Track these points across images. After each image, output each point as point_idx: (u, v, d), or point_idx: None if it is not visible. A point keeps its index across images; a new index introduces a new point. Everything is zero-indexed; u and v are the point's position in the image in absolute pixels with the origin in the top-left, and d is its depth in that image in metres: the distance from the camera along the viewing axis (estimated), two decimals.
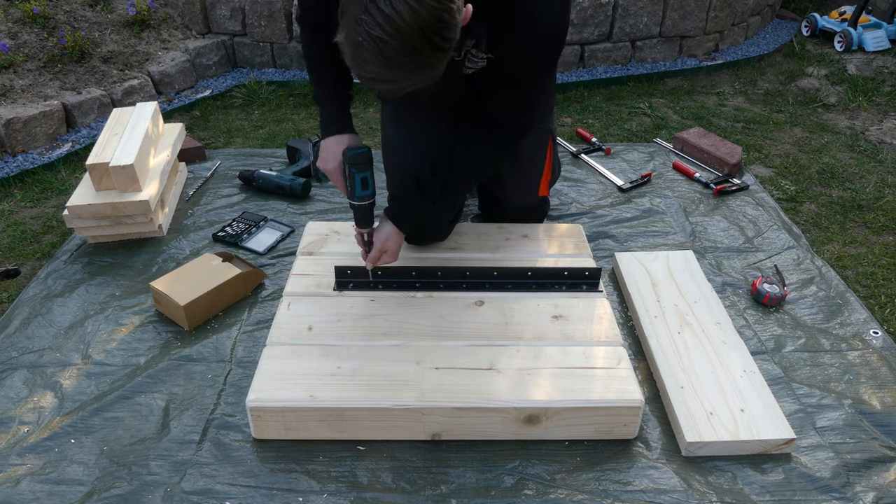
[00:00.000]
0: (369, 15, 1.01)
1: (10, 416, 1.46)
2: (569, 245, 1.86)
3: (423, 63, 1.07)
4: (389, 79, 1.09)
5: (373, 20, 1.01)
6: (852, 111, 3.09)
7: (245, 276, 1.77)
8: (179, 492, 1.29)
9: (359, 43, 1.04)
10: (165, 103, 3.06)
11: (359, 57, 1.06)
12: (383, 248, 1.58)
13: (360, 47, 1.05)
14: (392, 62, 1.05)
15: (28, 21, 3.01)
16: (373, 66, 1.07)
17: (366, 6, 1.02)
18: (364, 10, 1.02)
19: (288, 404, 1.35)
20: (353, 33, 1.04)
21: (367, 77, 1.10)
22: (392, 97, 1.14)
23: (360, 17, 1.02)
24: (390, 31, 1.02)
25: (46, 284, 1.86)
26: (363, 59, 1.06)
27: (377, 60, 1.05)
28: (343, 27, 1.06)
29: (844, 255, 2.05)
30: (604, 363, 1.45)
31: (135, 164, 1.94)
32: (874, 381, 1.55)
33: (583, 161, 2.51)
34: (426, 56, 1.06)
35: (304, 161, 2.36)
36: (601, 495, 1.29)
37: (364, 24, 1.02)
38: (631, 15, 3.36)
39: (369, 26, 1.02)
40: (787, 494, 1.30)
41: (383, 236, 1.58)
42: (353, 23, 1.03)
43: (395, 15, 1.01)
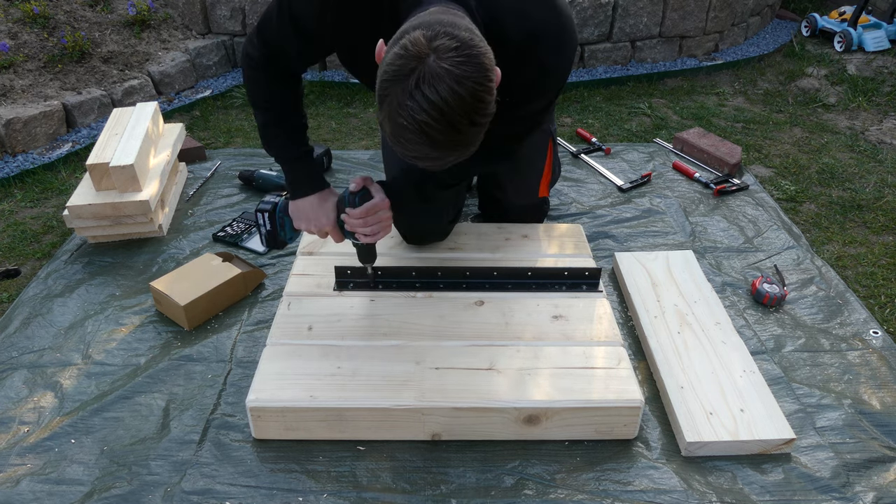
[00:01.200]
0: (414, 101, 1.03)
1: (10, 416, 1.46)
2: (569, 245, 1.86)
3: (464, 140, 1.10)
4: (432, 157, 1.11)
5: (417, 105, 1.03)
6: (852, 111, 3.09)
7: (245, 276, 1.77)
8: (179, 492, 1.29)
9: (402, 126, 1.06)
10: (165, 103, 3.06)
11: (402, 138, 1.09)
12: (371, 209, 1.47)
13: (404, 129, 1.07)
14: (436, 143, 1.07)
15: (28, 21, 3.01)
16: (416, 147, 1.09)
17: (410, 92, 1.03)
18: (409, 95, 1.03)
19: (288, 404, 1.35)
20: (396, 116, 1.06)
21: (411, 156, 1.12)
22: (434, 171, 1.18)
23: (405, 102, 1.04)
24: (435, 115, 1.03)
25: (46, 284, 1.86)
26: (406, 140, 1.08)
27: (420, 141, 1.07)
28: (384, 108, 1.08)
29: (844, 255, 2.05)
30: (604, 363, 1.45)
31: (135, 164, 1.94)
32: (874, 381, 1.55)
33: (583, 161, 2.52)
34: (467, 134, 1.08)
35: None
36: (601, 495, 1.29)
37: (409, 109, 1.04)
38: (631, 15, 3.36)
39: (414, 111, 1.04)
40: (786, 494, 1.30)
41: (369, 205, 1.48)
42: (398, 107, 1.05)
43: (439, 101, 1.02)
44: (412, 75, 1.03)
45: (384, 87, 1.07)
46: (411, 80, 1.03)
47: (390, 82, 1.05)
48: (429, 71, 1.02)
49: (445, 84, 1.02)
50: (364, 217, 1.47)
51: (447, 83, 1.02)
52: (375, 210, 1.47)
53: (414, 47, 1.03)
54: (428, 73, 1.02)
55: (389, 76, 1.05)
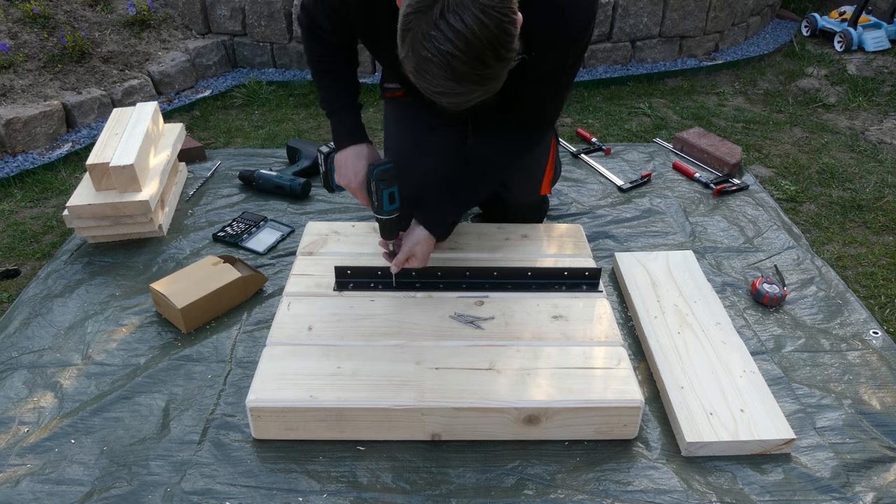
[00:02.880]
0: (438, 31, 1.02)
1: (10, 416, 1.46)
2: (568, 245, 1.86)
3: (490, 75, 1.08)
4: (457, 92, 1.10)
5: (442, 35, 1.02)
6: (852, 111, 3.09)
7: (245, 280, 1.76)
8: (179, 492, 1.29)
9: (426, 58, 1.05)
10: (165, 103, 3.06)
11: (426, 72, 1.07)
12: (411, 252, 1.57)
13: (427, 62, 1.05)
14: (460, 76, 1.06)
15: (28, 21, 3.01)
16: (440, 81, 1.08)
17: (435, 22, 1.02)
18: (433, 26, 1.02)
19: (288, 404, 1.35)
20: (419, 48, 1.05)
21: (434, 91, 1.11)
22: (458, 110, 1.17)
23: (429, 32, 1.03)
24: (460, 45, 1.02)
25: (46, 284, 1.86)
26: (431, 74, 1.07)
27: (445, 75, 1.06)
28: (407, 43, 1.07)
29: (844, 255, 2.05)
30: (604, 363, 1.45)
31: (135, 164, 1.94)
32: (874, 381, 1.55)
33: (583, 161, 2.51)
34: (492, 68, 1.07)
35: (305, 161, 2.36)
36: (601, 495, 1.29)
37: (433, 39, 1.03)
38: (631, 15, 3.36)
39: (438, 41, 1.03)
40: (786, 494, 1.30)
41: (412, 241, 1.57)
42: (421, 38, 1.04)
43: (465, 29, 1.01)
44: (436, 5, 1.02)
45: (407, 20, 1.05)
46: (435, 9, 1.02)
47: (414, 14, 1.04)
48: (453, 1, 1.01)
49: (470, 12, 1.01)
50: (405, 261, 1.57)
51: (472, 11, 1.01)
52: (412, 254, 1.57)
53: None
54: (452, 3, 1.01)
55: (413, 8, 1.04)
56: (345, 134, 1.59)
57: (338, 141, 1.60)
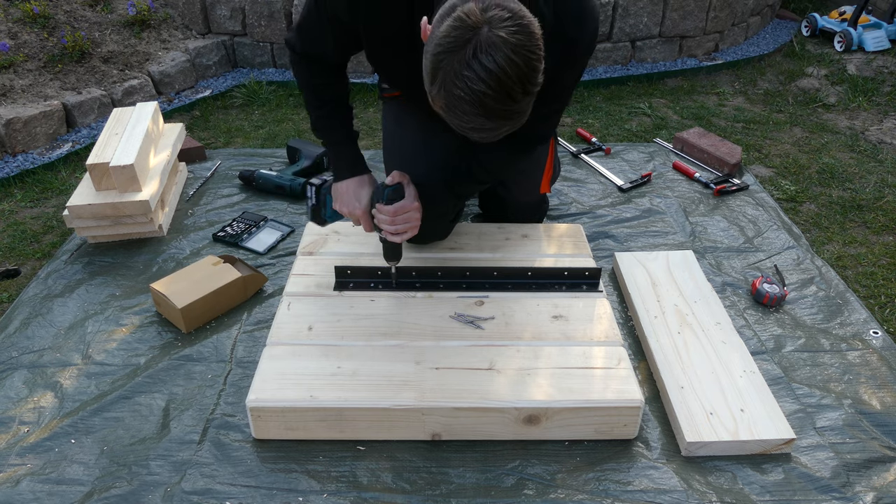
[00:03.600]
0: (472, 70, 1.04)
1: (10, 416, 1.46)
2: (568, 245, 1.86)
3: (518, 109, 1.10)
4: (488, 127, 1.12)
5: (475, 75, 1.04)
6: (852, 111, 3.09)
7: (245, 280, 1.76)
8: (179, 492, 1.29)
9: (459, 97, 1.07)
10: (165, 103, 3.06)
11: (458, 109, 1.09)
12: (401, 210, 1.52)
13: (460, 101, 1.07)
14: (491, 112, 1.08)
15: (28, 21, 3.01)
16: (472, 117, 1.09)
17: (467, 62, 1.04)
18: (466, 66, 1.04)
19: (288, 404, 1.35)
20: (452, 87, 1.06)
21: (466, 127, 1.13)
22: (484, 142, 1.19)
23: (461, 72, 1.04)
24: (493, 84, 1.04)
25: (46, 284, 1.86)
26: (462, 111, 1.09)
27: (476, 111, 1.08)
28: (438, 81, 1.08)
29: (844, 255, 2.05)
30: (604, 363, 1.45)
31: (135, 164, 1.94)
32: (874, 381, 1.55)
33: (583, 161, 2.51)
34: (520, 102, 1.09)
35: (305, 161, 2.36)
36: (601, 495, 1.29)
37: (466, 79, 1.04)
38: (631, 15, 3.36)
39: (471, 81, 1.04)
40: (786, 494, 1.30)
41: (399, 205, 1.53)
42: (454, 77, 1.05)
43: (497, 69, 1.03)
44: (468, 45, 1.03)
45: (438, 59, 1.07)
46: (468, 50, 1.03)
47: (446, 54, 1.05)
48: (485, 41, 1.02)
49: (502, 53, 1.02)
50: (393, 216, 1.51)
51: (504, 52, 1.02)
52: (405, 210, 1.52)
53: (469, 18, 1.03)
54: (484, 43, 1.02)
55: (444, 48, 1.05)
56: (345, 166, 1.61)
57: (338, 172, 1.61)
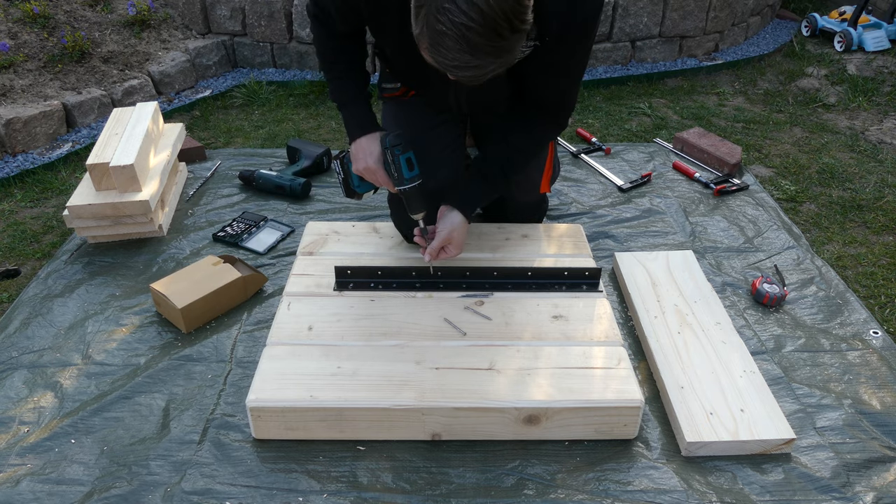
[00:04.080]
0: (453, 3, 1.02)
1: (10, 416, 1.46)
2: (568, 245, 1.86)
3: (505, 47, 1.08)
4: (473, 65, 1.10)
5: (457, 8, 1.02)
6: (852, 111, 3.09)
7: (245, 280, 1.76)
8: (179, 492, 1.29)
9: (441, 32, 1.05)
10: (165, 103, 3.06)
11: (441, 46, 1.07)
12: (448, 238, 1.56)
13: (442, 36, 1.05)
14: (476, 48, 1.06)
15: (28, 21, 3.01)
16: (456, 54, 1.08)
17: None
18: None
19: (288, 404, 1.35)
20: (434, 22, 1.05)
21: (450, 65, 1.11)
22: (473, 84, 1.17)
23: (443, 5, 1.03)
24: (475, 16, 1.02)
25: (46, 284, 1.86)
26: (446, 48, 1.07)
27: (460, 48, 1.06)
28: (421, 18, 1.07)
29: (844, 255, 2.05)
30: (604, 363, 1.45)
31: (135, 164, 1.94)
32: (874, 381, 1.55)
33: (583, 161, 2.51)
34: (507, 39, 1.07)
35: (305, 161, 2.36)
36: (601, 495, 1.29)
37: (448, 12, 1.03)
38: (631, 15, 3.36)
39: (453, 14, 1.03)
40: (786, 494, 1.30)
41: (448, 226, 1.55)
42: (436, 12, 1.04)
43: (479, 1, 1.01)
44: None
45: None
46: None
47: None
48: None
49: None
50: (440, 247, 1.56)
51: None
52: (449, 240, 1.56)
53: None
54: None
55: None
56: (356, 125, 1.60)
57: (350, 132, 1.61)
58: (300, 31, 3.32)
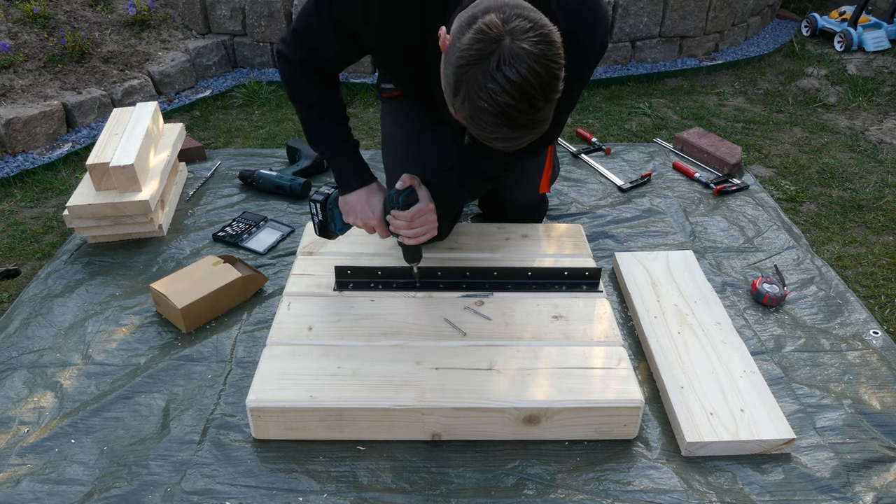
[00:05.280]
0: (495, 83, 1.04)
1: (10, 416, 1.46)
2: (568, 245, 1.86)
3: (540, 118, 1.11)
4: (511, 137, 1.12)
5: (499, 87, 1.04)
6: (852, 111, 3.09)
7: (246, 280, 1.76)
8: (179, 492, 1.29)
9: (483, 108, 1.07)
10: (165, 103, 3.06)
11: (482, 120, 1.10)
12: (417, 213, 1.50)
13: (484, 112, 1.08)
14: (514, 122, 1.09)
15: (28, 21, 3.02)
16: (495, 128, 1.10)
17: (491, 74, 1.04)
18: (490, 78, 1.04)
19: (288, 404, 1.35)
20: (476, 99, 1.07)
21: (490, 137, 1.13)
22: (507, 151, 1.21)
23: (486, 85, 1.05)
24: (517, 95, 1.05)
25: (46, 284, 1.86)
26: (486, 122, 1.10)
27: (500, 122, 1.09)
28: (461, 93, 1.09)
29: (844, 255, 2.05)
30: (604, 363, 1.45)
31: (135, 164, 1.94)
32: (874, 381, 1.55)
33: (583, 161, 2.51)
34: (542, 111, 1.10)
35: (305, 161, 2.36)
36: (601, 495, 1.29)
37: (490, 91, 1.05)
38: (631, 15, 3.36)
39: (495, 93, 1.05)
40: (787, 494, 1.30)
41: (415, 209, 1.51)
42: (477, 90, 1.06)
43: (520, 80, 1.04)
44: (491, 57, 1.04)
45: (461, 71, 1.07)
46: (491, 62, 1.04)
47: (469, 66, 1.06)
48: (508, 52, 1.03)
49: (526, 64, 1.03)
50: (410, 221, 1.50)
51: (527, 63, 1.03)
52: (421, 214, 1.50)
53: (491, 30, 1.04)
54: (507, 55, 1.03)
55: (467, 60, 1.06)
56: (352, 177, 1.57)
57: (344, 184, 1.57)
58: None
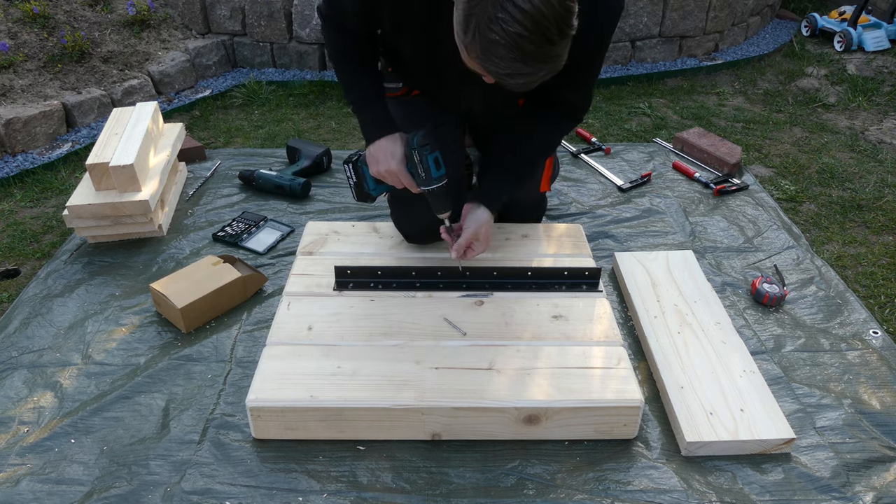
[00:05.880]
0: (506, 12, 1.03)
1: (10, 416, 1.46)
2: (568, 245, 1.86)
3: (555, 52, 1.09)
4: (525, 72, 1.11)
5: (510, 17, 1.03)
6: (852, 111, 3.09)
7: (245, 280, 1.76)
8: (179, 492, 1.29)
9: (494, 41, 1.06)
10: (165, 103, 3.06)
11: (494, 54, 1.08)
12: (475, 234, 1.55)
13: (495, 45, 1.06)
14: (528, 55, 1.07)
15: (28, 21, 3.02)
16: (508, 62, 1.08)
17: (502, 4, 1.03)
18: (500, 8, 1.03)
19: (288, 404, 1.35)
20: (487, 31, 1.06)
21: (502, 73, 1.12)
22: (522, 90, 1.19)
23: (496, 15, 1.04)
24: (529, 25, 1.03)
25: (46, 284, 1.86)
26: (499, 57, 1.08)
27: (513, 56, 1.07)
28: (472, 28, 1.08)
29: (844, 255, 2.05)
30: (603, 363, 1.45)
31: (135, 164, 1.94)
32: (874, 381, 1.55)
33: (583, 161, 2.51)
34: (557, 45, 1.08)
35: (305, 161, 2.36)
36: (601, 495, 1.29)
37: (501, 21, 1.04)
38: (631, 15, 3.36)
39: (506, 23, 1.03)
40: (786, 494, 1.30)
41: (475, 223, 1.53)
42: (488, 21, 1.05)
43: (532, 10, 1.02)
44: None
45: (471, 5, 1.06)
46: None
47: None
48: None
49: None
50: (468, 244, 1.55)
51: None
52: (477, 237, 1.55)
53: None
54: None
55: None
56: (375, 127, 1.57)
57: (368, 134, 1.58)
58: (300, 31, 3.32)
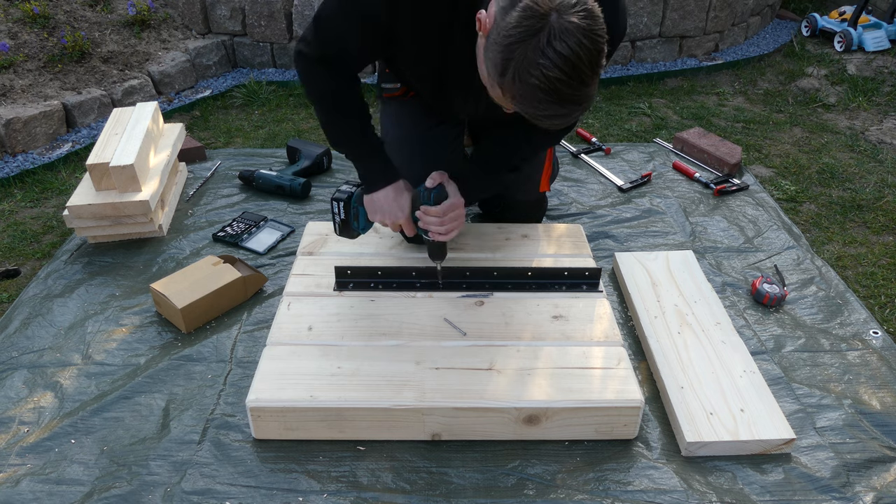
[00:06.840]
0: (546, 58, 1.04)
1: (10, 416, 1.46)
2: (568, 245, 1.86)
3: (588, 93, 1.11)
4: (560, 113, 1.12)
5: (550, 62, 1.04)
6: (852, 111, 3.09)
7: (246, 280, 1.76)
8: (179, 492, 1.29)
9: (534, 86, 1.07)
10: (165, 103, 3.06)
11: (532, 98, 1.10)
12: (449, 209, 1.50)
13: (534, 89, 1.08)
14: (565, 99, 1.09)
15: (28, 21, 3.02)
16: (546, 105, 1.10)
17: (542, 50, 1.04)
18: (541, 53, 1.05)
19: (288, 404, 1.35)
20: (527, 76, 1.07)
21: (541, 115, 1.13)
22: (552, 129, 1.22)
23: (536, 60, 1.05)
24: (568, 70, 1.05)
25: (46, 284, 1.86)
26: (537, 100, 1.10)
27: (551, 99, 1.09)
28: (511, 71, 1.09)
29: (844, 255, 2.05)
30: (604, 363, 1.45)
31: (135, 164, 1.94)
32: (874, 381, 1.55)
33: (583, 161, 2.51)
34: (590, 86, 1.10)
35: (305, 161, 2.36)
36: (601, 495, 1.29)
37: (542, 67, 1.05)
38: (631, 15, 3.36)
39: (546, 69, 1.05)
40: (787, 494, 1.30)
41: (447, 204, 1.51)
42: (528, 66, 1.06)
43: (571, 55, 1.04)
44: (541, 33, 1.04)
45: (510, 49, 1.07)
46: (541, 38, 1.04)
47: (518, 44, 1.06)
48: (557, 27, 1.04)
49: (575, 38, 1.04)
50: (442, 216, 1.50)
51: (576, 37, 1.04)
52: (453, 209, 1.51)
53: (539, 6, 1.04)
54: (557, 30, 1.04)
55: (515, 38, 1.06)
56: (378, 174, 1.55)
57: (371, 183, 1.54)
58: (300, 31, 3.32)
